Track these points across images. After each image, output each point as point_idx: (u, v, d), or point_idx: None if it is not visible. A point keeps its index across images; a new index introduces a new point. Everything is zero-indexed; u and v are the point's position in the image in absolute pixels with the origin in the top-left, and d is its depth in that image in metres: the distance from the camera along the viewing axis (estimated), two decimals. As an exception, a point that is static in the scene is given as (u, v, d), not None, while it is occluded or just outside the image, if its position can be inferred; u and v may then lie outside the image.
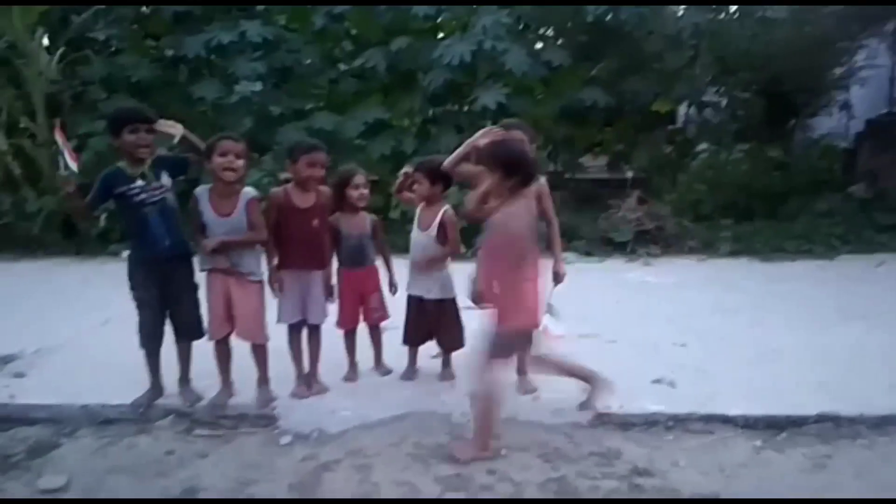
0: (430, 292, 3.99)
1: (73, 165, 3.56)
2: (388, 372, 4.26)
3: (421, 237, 4.00)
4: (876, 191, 9.28)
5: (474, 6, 9.43)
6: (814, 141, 10.97)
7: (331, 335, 4.14)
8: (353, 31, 10.39)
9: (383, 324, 4.27)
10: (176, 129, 3.64)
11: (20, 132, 9.64)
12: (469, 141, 3.51)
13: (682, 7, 10.26)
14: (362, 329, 4.26)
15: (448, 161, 3.62)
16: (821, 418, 3.53)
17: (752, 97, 10.89)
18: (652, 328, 5.15)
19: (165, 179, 3.67)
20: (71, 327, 5.38)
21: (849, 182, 9.57)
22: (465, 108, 9.71)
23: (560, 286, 3.94)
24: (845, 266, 7.50)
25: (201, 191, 3.68)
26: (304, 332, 3.99)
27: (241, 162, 3.60)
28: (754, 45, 9.82)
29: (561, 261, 4.02)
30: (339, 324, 4.18)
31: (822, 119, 11.37)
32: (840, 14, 9.54)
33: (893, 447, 3.32)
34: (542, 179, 3.83)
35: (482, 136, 3.46)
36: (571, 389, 3.87)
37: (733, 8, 10.48)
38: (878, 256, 7.74)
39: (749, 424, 3.52)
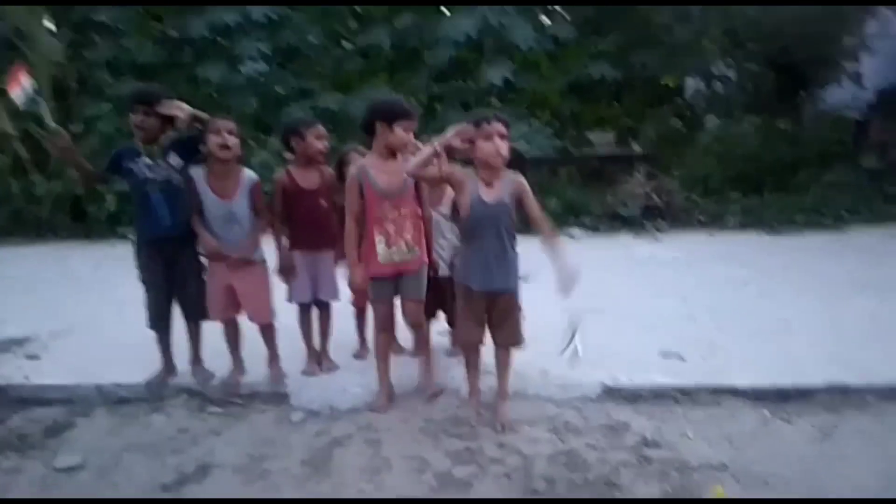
0: (442, 269, 3.99)
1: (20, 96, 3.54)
2: (400, 350, 4.27)
3: (432, 214, 3.97)
4: (887, 162, 9.17)
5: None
6: (824, 112, 10.82)
7: (341, 313, 4.17)
8: (358, 9, 10.33)
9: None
10: (182, 111, 3.63)
11: (26, 116, 9.65)
12: (439, 140, 3.16)
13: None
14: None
15: (413, 164, 3.19)
16: (829, 388, 3.53)
17: (762, 69, 10.75)
18: (660, 302, 5.15)
19: (174, 160, 3.68)
20: (83, 309, 5.44)
21: (859, 153, 9.46)
22: (472, 85, 9.66)
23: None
24: (855, 237, 7.45)
25: (197, 171, 3.65)
26: (315, 310, 4.02)
27: (234, 139, 3.58)
28: (763, 15, 9.67)
29: (564, 262, 3.21)
30: (353, 301, 4.20)
31: (832, 90, 11.22)
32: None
33: (902, 417, 3.33)
34: (520, 177, 3.29)
35: (453, 136, 3.17)
36: (582, 364, 3.89)
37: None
38: (890, 227, 7.68)
39: (757, 395, 3.53)
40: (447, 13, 9.83)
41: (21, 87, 3.56)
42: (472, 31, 8.65)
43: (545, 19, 10.17)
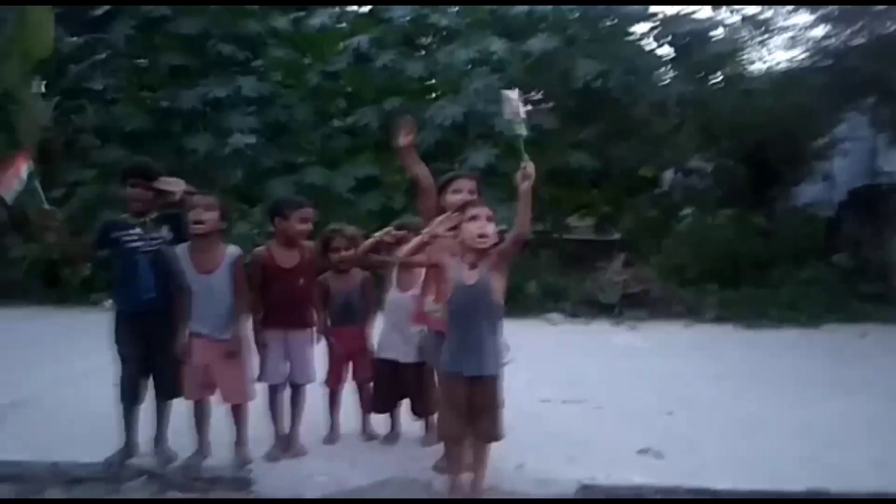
0: (408, 356, 3.93)
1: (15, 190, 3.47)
2: (374, 437, 4.15)
3: (403, 297, 3.96)
4: (859, 260, 9.37)
5: (466, 68, 9.63)
6: (797, 209, 11.13)
7: (311, 394, 4.06)
8: (348, 89, 10.58)
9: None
10: (177, 187, 3.65)
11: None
12: (428, 230, 3.34)
13: (669, 76, 10.52)
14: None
15: (404, 252, 3.43)
16: (809, 494, 3.46)
17: (736, 164, 11.10)
18: (638, 394, 5.10)
19: (165, 233, 3.69)
20: (46, 379, 5.27)
21: (832, 251, 9.67)
22: (456, 167, 9.82)
23: None
24: (830, 335, 7.52)
25: (181, 248, 3.65)
26: (286, 392, 3.92)
27: (210, 214, 3.57)
28: (738, 114, 10.05)
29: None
30: (327, 382, 4.11)
31: (805, 188, 11.58)
32: (822, 86, 9.80)
33: (882, 526, 3.27)
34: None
35: (440, 225, 3.31)
36: (558, 458, 3.81)
37: (718, 77, 10.76)
38: (863, 326, 7.76)
39: (737, 499, 3.45)
40: (434, 97, 10.11)
41: (18, 178, 3.51)
42: (458, 117, 8.88)
43: (529, 107, 10.47)
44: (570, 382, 5.31)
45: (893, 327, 7.77)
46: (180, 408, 3.79)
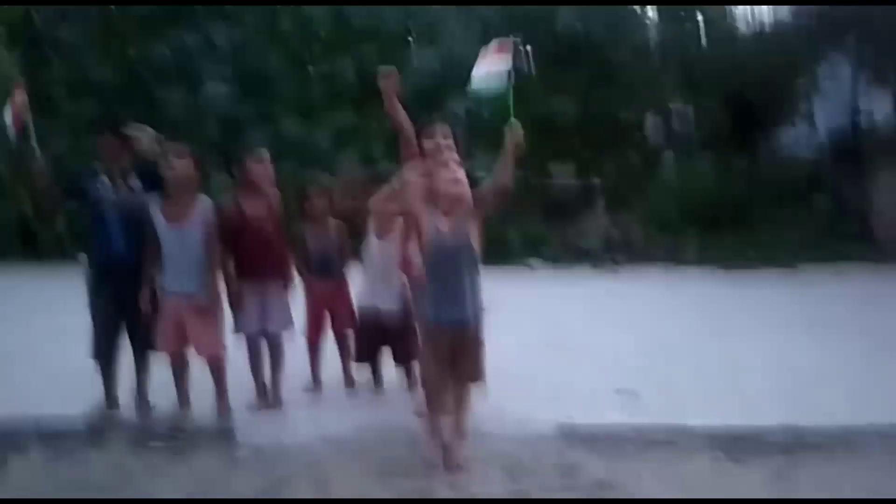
0: (389, 303, 3.93)
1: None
2: (356, 385, 4.17)
3: (381, 245, 3.93)
4: (838, 202, 9.44)
5: (444, 13, 9.42)
6: (778, 152, 11.15)
7: (294, 345, 4.06)
8: (322, 35, 10.32)
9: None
10: (146, 136, 3.57)
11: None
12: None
13: (650, 19, 10.37)
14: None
15: (378, 199, 3.44)
16: (782, 430, 3.54)
17: (718, 108, 11.04)
18: (616, 337, 5.16)
19: (136, 185, 3.62)
20: (24, 336, 5.23)
21: (812, 193, 9.73)
22: (435, 117, 9.68)
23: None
24: (806, 275, 7.62)
25: (154, 199, 3.59)
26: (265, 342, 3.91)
27: (182, 162, 3.52)
28: (719, 56, 9.95)
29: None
30: (306, 333, 4.11)
31: (785, 130, 11.58)
32: (803, 27, 9.72)
33: (853, 460, 3.34)
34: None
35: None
36: (537, 400, 3.85)
37: (700, 20, 10.62)
38: (840, 266, 7.86)
39: (711, 436, 3.51)
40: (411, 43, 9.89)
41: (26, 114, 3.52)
42: (435, 64, 8.71)
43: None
44: (549, 327, 5.35)
45: (869, 266, 7.89)
46: (160, 362, 3.77)
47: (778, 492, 3.07)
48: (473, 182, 3.28)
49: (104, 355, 3.73)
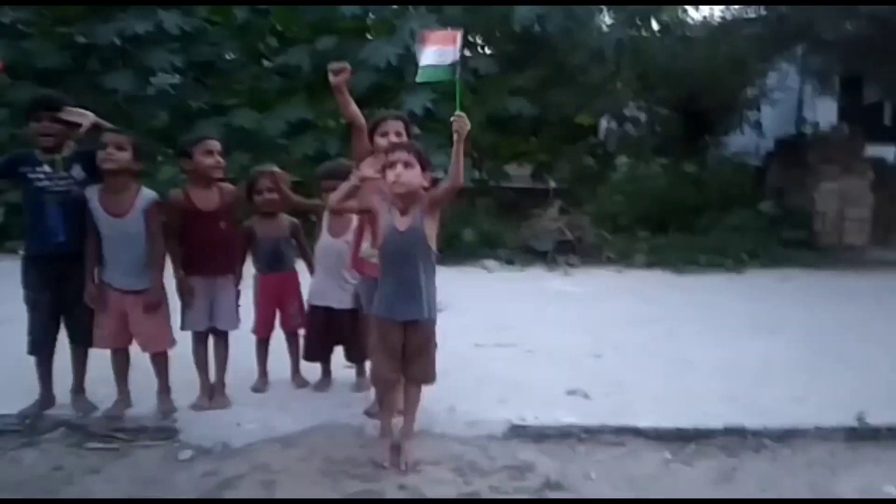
0: (343, 302, 3.86)
1: None
2: (304, 384, 4.09)
3: (335, 243, 3.86)
4: (783, 208, 9.70)
5: (402, 8, 9.35)
6: (726, 157, 11.42)
7: (242, 342, 3.96)
8: (279, 27, 10.13)
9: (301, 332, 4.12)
10: (84, 118, 3.41)
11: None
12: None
13: (607, 22, 10.48)
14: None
15: (336, 198, 3.31)
16: (727, 430, 3.60)
17: (671, 113, 11.26)
18: (569, 338, 5.18)
19: (77, 173, 3.47)
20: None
21: (758, 198, 9.97)
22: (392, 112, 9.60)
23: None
24: (753, 279, 7.80)
25: (91, 189, 3.45)
26: (211, 340, 3.80)
27: (121, 154, 3.38)
28: (673, 62, 10.12)
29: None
30: (255, 330, 4.01)
31: (734, 137, 11.88)
32: (754, 36, 9.95)
33: (796, 459, 3.42)
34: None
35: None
36: (489, 400, 3.84)
37: (655, 25, 10.79)
38: (785, 271, 8.08)
39: (659, 436, 3.56)
40: (369, 38, 9.78)
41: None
42: (392, 58, 8.62)
43: (466, 52, 10.27)
44: (503, 327, 5.35)
45: (814, 272, 8.14)
46: (99, 357, 3.63)
47: (723, 493, 3.12)
48: (433, 181, 3.25)
49: (41, 350, 3.57)
